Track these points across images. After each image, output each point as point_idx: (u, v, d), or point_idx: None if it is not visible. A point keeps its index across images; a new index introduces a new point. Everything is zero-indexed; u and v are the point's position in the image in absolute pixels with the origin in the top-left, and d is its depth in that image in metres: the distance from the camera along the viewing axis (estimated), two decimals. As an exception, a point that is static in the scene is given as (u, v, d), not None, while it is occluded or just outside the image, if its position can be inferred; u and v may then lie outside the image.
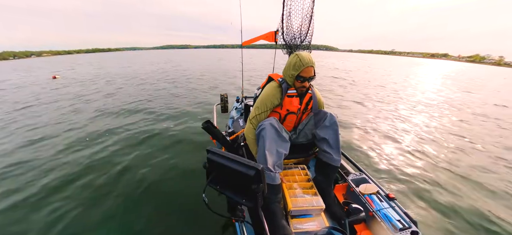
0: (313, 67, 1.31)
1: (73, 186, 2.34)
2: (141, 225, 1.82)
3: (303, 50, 1.76)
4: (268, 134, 1.23)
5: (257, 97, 1.60)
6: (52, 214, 1.94)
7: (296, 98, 1.40)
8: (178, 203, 2.06)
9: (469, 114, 5.67)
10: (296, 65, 1.28)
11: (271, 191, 1.19)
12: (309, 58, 1.28)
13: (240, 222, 1.12)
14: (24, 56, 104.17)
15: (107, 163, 2.79)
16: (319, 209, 1.21)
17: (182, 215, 1.92)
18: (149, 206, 2.04)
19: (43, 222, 1.87)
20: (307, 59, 1.27)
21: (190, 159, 2.83)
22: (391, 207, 1.21)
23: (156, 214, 1.94)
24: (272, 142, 1.24)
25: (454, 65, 43.25)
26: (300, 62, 1.27)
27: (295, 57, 1.29)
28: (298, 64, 1.27)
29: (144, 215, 1.92)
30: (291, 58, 1.33)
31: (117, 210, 1.99)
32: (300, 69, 1.28)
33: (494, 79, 17.16)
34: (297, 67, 1.28)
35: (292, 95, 1.39)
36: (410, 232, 1.04)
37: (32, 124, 4.39)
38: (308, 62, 1.26)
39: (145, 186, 2.32)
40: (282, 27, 1.81)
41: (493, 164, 3.04)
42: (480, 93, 9.11)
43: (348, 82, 10.27)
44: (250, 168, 0.87)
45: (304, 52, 1.31)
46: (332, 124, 1.38)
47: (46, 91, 7.95)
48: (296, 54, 1.30)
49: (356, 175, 1.50)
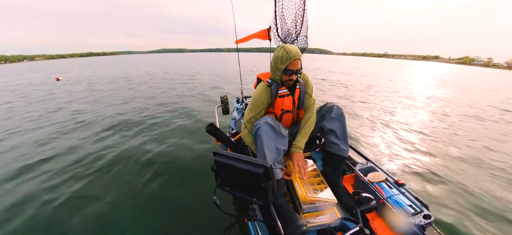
0: (300, 60, 1.29)
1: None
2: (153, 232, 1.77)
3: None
4: (264, 132, 1.22)
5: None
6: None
7: (288, 97, 1.39)
8: (189, 205, 2.01)
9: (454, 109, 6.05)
10: (283, 59, 1.25)
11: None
12: (296, 50, 1.25)
13: (253, 221, 1.11)
14: (16, 60, 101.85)
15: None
16: (332, 203, 1.19)
17: (193, 217, 1.87)
18: (160, 210, 1.98)
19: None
20: (294, 52, 1.24)
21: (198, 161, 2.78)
22: (401, 193, 1.22)
23: (167, 219, 1.88)
24: (270, 139, 1.22)
25: (444, 67, 44.69)
26: (287, 55, 1.23)
27: (282, 50, 1.26)
28: (285, 57, 1.24)
29: (156, 219, 1.86)
30: (277, 52, 1.28)
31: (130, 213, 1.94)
32: (287, 62, 1.24)
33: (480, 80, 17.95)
34: (285, 60, 1.25)
35: (284, 95, 1.38)
36: (423, 216, 1.05)
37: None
38: (295, 54, 1.23)
39: (158, 187, 2.27)
40: (276, 24, 1.79)
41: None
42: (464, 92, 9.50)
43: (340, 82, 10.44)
44: (258, 166, 0.87)
45: (290, 45, 1.29)
46: (339, 116, 1.38)
47: (59, 90, 8.43)
48: (282, 47, 1.26)
49: (363, 164, 1.51)
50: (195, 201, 2.05)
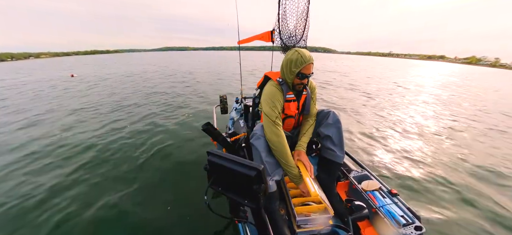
0: (313, 64, 1.30)
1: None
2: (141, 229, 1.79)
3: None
4: (261, 143, 1.23)
5: (257, 97, 1.59)
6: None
7: (294, 103, 1.39)
8: (179, 205, 2.03)
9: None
10: (297, 62, 1.25)
11: (268, 200, 1.19)
12: (310, 55, 1.27)
13: (243, 223, 1.11)
14: (22, 57, 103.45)
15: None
16: (327, 217, 1.17)
17: (183, 217, 1.89)
18: (149, 207, 2.01)
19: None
20: (308, 56, 1.26)
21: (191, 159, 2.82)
22: (394, 203, 1.21)
23: (156, 217, 1.91)
24: (266, 150, 1.24)
25: (450, 67, 43.62)
26: (301, 59, 1.24)
27: (296, 54, 1.26)
28: (299, 61, 1.25)
29: (144, 217, 1.89)
30: (291, 55, 1.28)
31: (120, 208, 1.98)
32: (301, 66, 1.25)
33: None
34: (299, 63, 1.25)
35: (290, 100, 1.38)
36: (414, 227, 1.05)
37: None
38: (309, 58, 1.25)
39: (150, 183, 2.32)
40: (278, 26, 1.80)
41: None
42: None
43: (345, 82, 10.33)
44: (250, 168, 0.87)
45: (303, 49, 1.29)
46: (336, 122, 1.38)
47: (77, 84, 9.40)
48: (296, 51, 1.27)
49: (358, 172, 1.50)
50: (184, 199, 2.08)
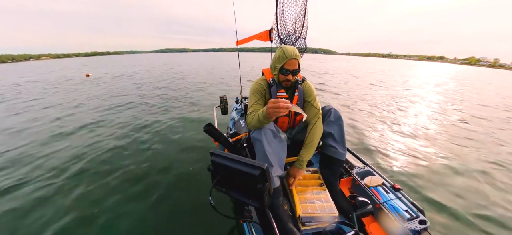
0: (297, 60, 1.31)
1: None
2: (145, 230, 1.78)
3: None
4: (264, 137, 1.22)
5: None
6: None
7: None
8: (184, 206, 2.01)
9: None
10: (280, 58, 1.30)
11: (272, 195, 1.17)
12: (293, 50, 1.28)
13: (248, 222, 1.10)
14: (22, 59, 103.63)
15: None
16: (332, 216, 1.14)
17: (187, 218, 1.87)
18: (153, 209, 1.99)
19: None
20: (291, 52, 1.27)
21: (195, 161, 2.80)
22: (397, 198, 1.21)
23: (160, 219, 1.89)
24: (268, 145, 1.22)
25: (451, 68, 43.57)
26: (283, 54, 1.28)
27: (280, 50, 1.31)
28: (282, 57, 1.28)
29: (149, 219, 1.87)
30: (276, 52, 1.35)
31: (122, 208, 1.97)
32: (283, 61, 1.28)
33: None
34: (281, 59, 1.29)
35: (281, 98, 1.37)
36: (418, 221, 1.05)
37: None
38: (292, 54, 1.26)
39: (155, 184, 2.30)
40: (277, 25, 1.80)
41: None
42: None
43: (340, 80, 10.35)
44: (254, 167, 0.87)
45: (289, 46, 1.32)
46: (337, 119, 1.39)
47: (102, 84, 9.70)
48: (280, 48, 1.32)
49: (361, 168, 1.50)
50: (189, 201, 2.06)
